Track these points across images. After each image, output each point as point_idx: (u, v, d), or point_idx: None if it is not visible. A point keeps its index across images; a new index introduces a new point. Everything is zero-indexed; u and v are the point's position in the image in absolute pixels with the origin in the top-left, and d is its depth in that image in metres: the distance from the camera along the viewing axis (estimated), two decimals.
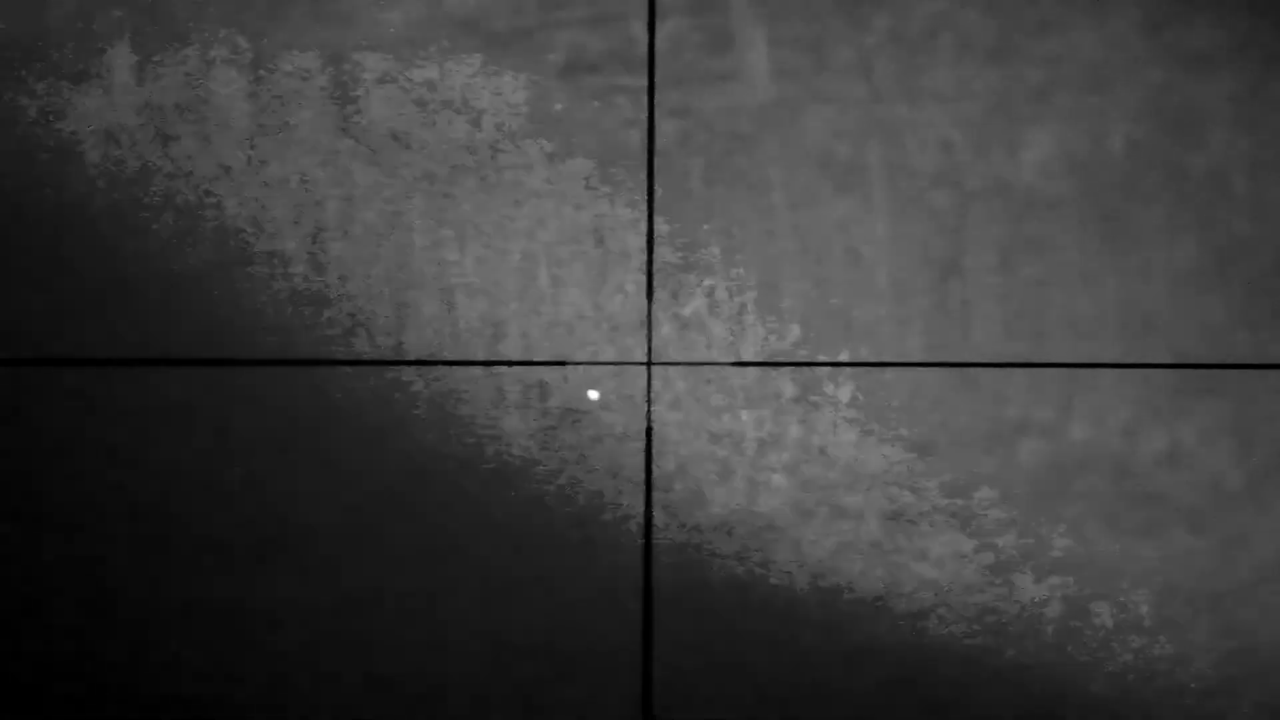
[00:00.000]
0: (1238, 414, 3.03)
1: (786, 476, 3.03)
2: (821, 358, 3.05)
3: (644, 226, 3.07)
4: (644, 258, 3.06)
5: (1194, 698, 3.00)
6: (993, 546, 3.01)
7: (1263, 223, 3.05)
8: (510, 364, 3.03)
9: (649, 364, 3.04)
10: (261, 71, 3.08)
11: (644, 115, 3.08)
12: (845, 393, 3.03)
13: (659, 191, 3.07)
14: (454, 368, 3.04)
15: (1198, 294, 3.05)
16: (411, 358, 3.04)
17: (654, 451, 3.02)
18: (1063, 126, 3.07)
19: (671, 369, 3.04)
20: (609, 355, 3.05)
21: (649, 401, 3.03)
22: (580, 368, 3.04)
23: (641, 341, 3.05)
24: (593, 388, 3.01)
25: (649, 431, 3.02)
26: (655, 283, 3.06)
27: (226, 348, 3.04)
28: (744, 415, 3.04)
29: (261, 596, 3.01)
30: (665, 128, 3.08)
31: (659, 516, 3.02)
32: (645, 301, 3.05)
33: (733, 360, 3.03)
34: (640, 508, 3.01)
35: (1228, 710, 2.99)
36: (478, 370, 3.04)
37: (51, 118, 3.07)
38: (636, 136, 3.07)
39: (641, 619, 3.01)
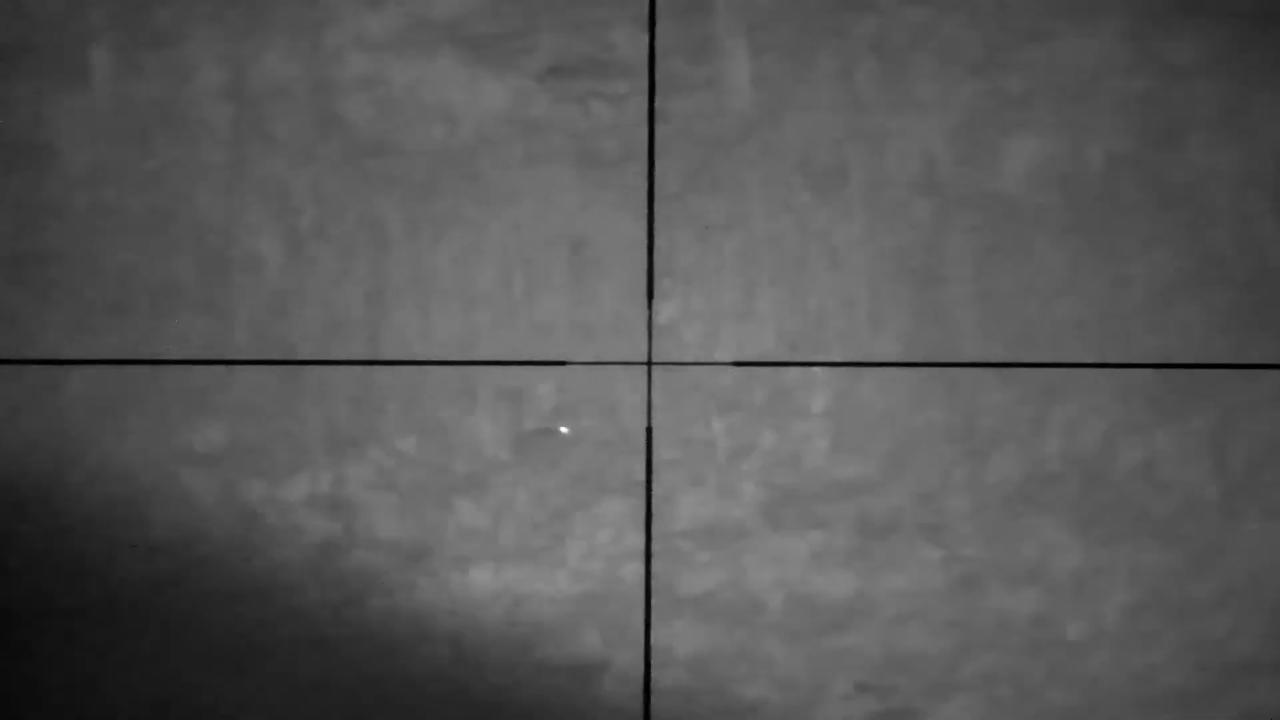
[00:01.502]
0: (1214, 426, 3.02)
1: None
2: (797, 366, 3.04)
3: (640, 226, 3.06)
4: (643, 257, 3.05)
5: (1162, 709, 2.99)
6: (961, 557, 3.00)
7: (1243, 233, 3.05)
8: (510, 364, 3.03)
9: (649, 364, 3.04)
10: (242, 73, 3.09)
11: (626, 119, 3.08)
12: (820, 400, 3.03)
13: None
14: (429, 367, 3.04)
15: (1178, 303, 3.04)
16: (390, 359, 3.04)
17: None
18: (1044, 136, 3.07)
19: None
20: (586, 361, 3.05)
21: (649, 401, 3.03)
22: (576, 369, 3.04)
23: (626, 343, 3.05)
24: (566, 424, 3.02)
25: (649, 431, 3.02)
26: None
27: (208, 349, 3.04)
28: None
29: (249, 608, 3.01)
30: (644, 133, 3.07)
31: None
32: (645, 301, 3.05)
33: (734, 360, 3.03)
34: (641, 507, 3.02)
35: None
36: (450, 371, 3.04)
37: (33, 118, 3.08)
38: (617, 141, 3.07)
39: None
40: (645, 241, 3.06)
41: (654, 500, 3.02)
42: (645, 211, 3.06)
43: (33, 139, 3.08)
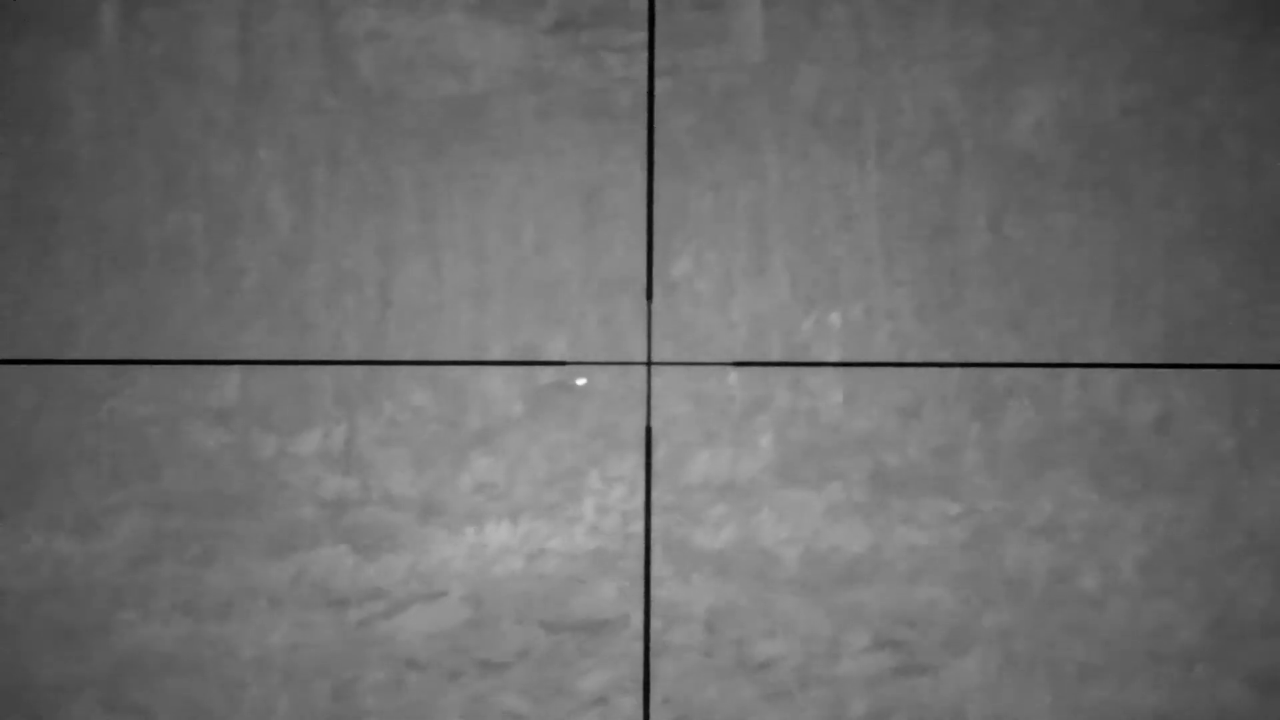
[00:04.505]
0: (1229, 379, 3.01)
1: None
2: (812, 318, 3.03)
3: (641, 186, 3.05)
4: (642, 221, 3.04)
5: (1180, 665, 2.98)
6: (979, 510, 2.99)
7: (1258, 185, 3.03)
8: (507, 364, 3.02)
9: (649, 364, 3.02)
10: (250, 27, 3.07)
11: (636, 72, 3.06)
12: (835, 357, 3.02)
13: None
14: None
15: (1192, 255, 3.03)
16: (398, 322, 3.02)
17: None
18: (1058, 88, 3.05)
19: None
20: (597, 317, 3.03)
21: (649, 401, 3.01)
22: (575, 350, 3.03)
23: (636, 299, 3.03)
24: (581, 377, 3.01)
25: (649, 431, 3.00)
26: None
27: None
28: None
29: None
30: (657, 84, 3.06)
31: None
32: (645, 301, 3.03)
33: (733, 360, 3.02)
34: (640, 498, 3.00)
35: (1213, 678, 2.98)
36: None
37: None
38: (629, 93, 3.05)
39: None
40: (650, 219, 3.04)
41: (664, 459, 3.01)
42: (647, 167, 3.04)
43: (39, 95, 3.06)
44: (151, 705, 2.98)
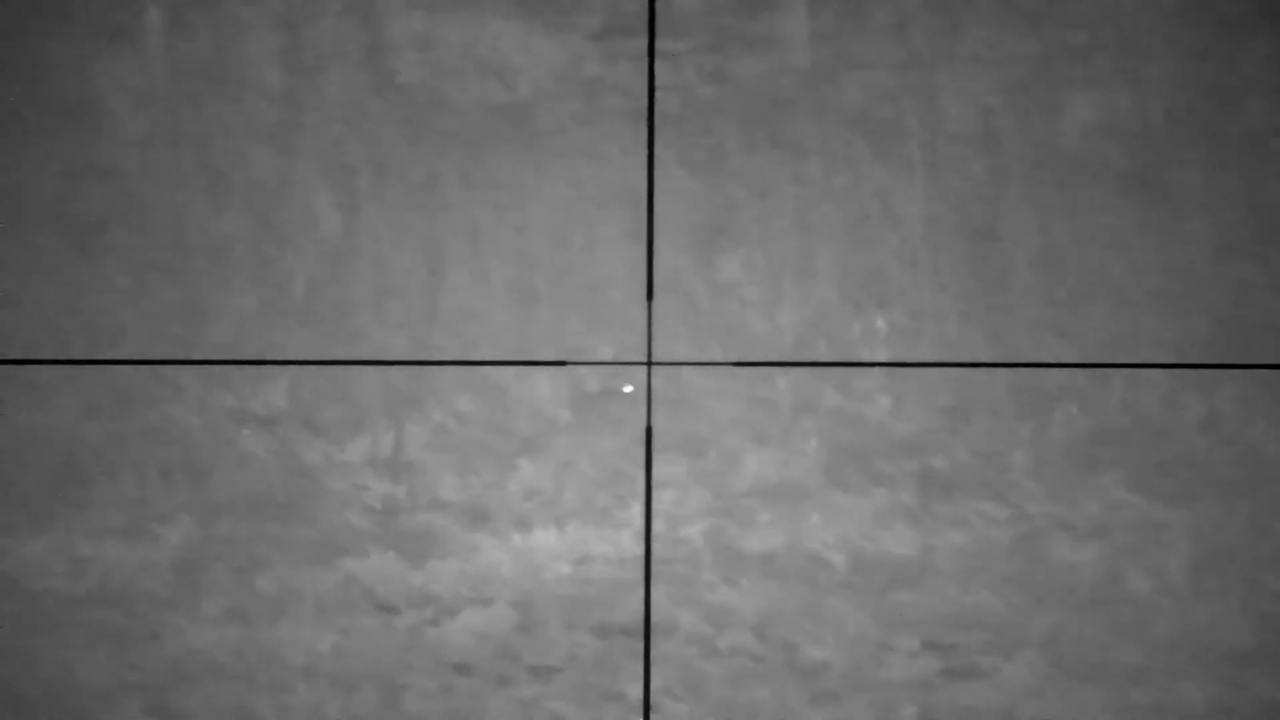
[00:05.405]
0: (1275, 381, 3.01)
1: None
2: (858, 321, 3.03)
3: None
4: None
5: (1228, 666, 2.98)
6: (1026, 514, 2.99)
7: None
8: (510, 364, 3.01)
9: (649, 364, 3.02)
10: (296, 32, 3.06)
11: (683, 78, 3.06)
12: (881, 357, 3.02)
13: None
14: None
15: (1236, 258, 3.03)
16: (443, 324, 3.02)
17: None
18: (1102, 90, 3.05)
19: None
20: (640, 317, 3.03)
21: (649, 401, 3.01)
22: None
23: (685, 302, 3.03)
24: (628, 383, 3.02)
25: (649, 432, 3.00)
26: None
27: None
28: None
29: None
30: (703, 91, 3.06)
31: None
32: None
33: (735, 360, 3.01)
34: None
35: (1262, 679, 2.98)
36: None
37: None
38: (677, 98, 3.05)
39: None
40: (651, 222, 3.04)
41: (712, 463, 3.00)
42: (693, 174, 3.04)
43: (83, 100, 3.05)
44: (199, 711, 2.98)
